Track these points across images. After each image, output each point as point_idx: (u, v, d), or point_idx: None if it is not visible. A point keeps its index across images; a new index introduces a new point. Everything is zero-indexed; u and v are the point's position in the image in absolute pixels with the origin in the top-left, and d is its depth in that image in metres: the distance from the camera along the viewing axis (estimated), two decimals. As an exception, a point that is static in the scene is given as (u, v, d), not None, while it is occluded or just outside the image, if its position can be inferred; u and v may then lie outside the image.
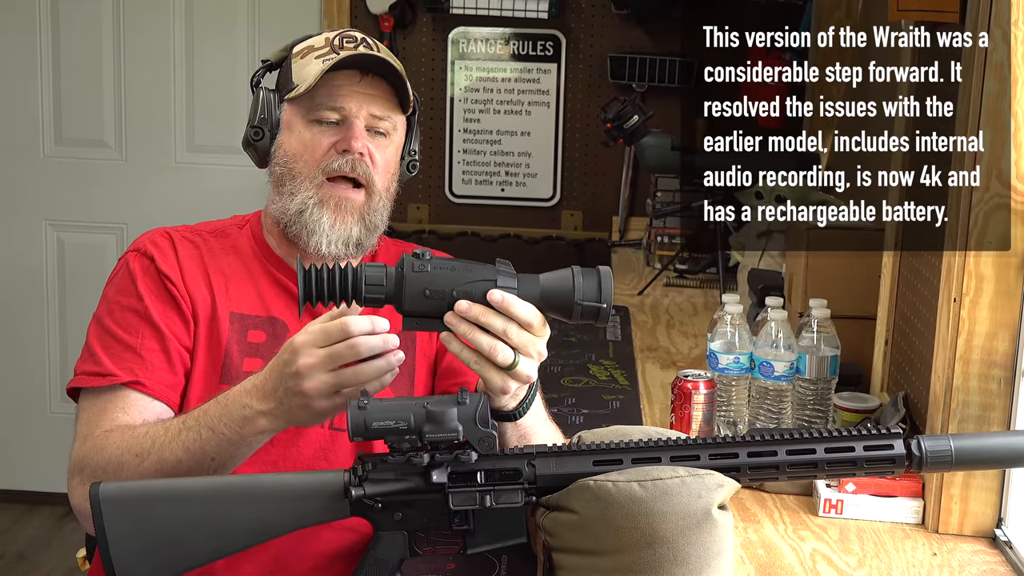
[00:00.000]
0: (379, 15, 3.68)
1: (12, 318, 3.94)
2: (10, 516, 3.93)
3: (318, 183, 1.68)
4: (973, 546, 1.71)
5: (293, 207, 1.68)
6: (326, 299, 1.35)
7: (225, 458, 1.49)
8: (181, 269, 1.69)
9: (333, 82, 1.68)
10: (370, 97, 1.69)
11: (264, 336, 1.70)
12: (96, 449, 1.55)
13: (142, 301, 1.66)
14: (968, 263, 1.68)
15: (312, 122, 1.69)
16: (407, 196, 3.79)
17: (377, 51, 1.70)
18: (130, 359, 1.62)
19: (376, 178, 1.69)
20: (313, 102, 1.68)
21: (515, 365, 1.38)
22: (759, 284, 2.48)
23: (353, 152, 1.67)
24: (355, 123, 1.68)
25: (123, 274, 1.70)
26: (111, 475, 1.51)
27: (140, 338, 1.64)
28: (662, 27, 3.69)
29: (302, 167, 1.69)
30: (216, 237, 1.76)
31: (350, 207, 1.68)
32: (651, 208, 3.48)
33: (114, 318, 1.66)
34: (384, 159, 1.71)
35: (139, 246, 1.72)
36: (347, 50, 1.68)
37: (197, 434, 1.49)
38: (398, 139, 1.74)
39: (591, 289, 1.36)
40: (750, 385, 2.02)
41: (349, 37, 1.70)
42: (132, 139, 3.85)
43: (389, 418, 1.31)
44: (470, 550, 1.36)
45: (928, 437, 1.33)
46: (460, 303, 1.35)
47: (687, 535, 1.28)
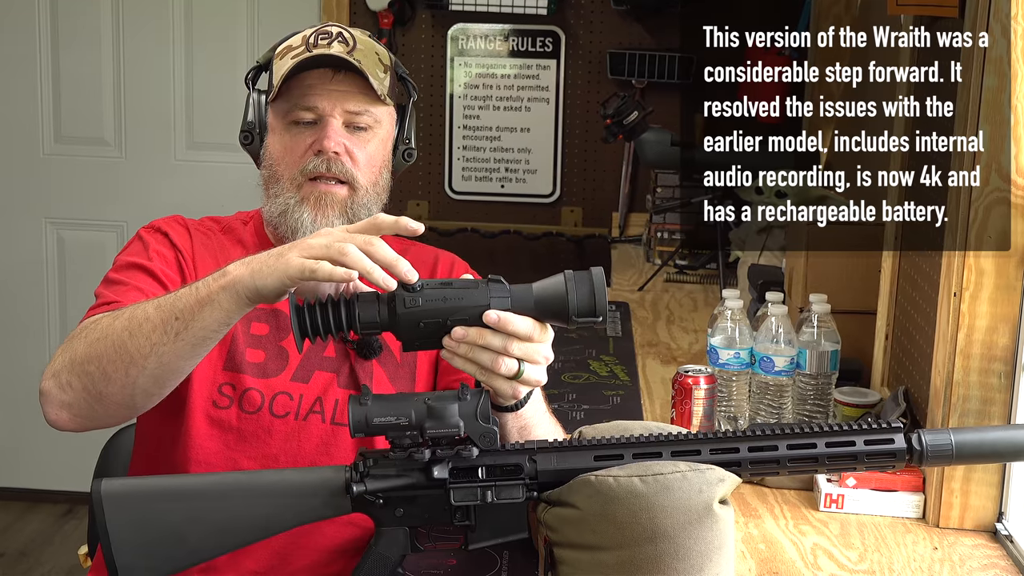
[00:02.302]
0: (378, 11, 3.68)
1: (12, 316, 3.94)
2: (11, 514, 3.94)
3: (298, 184, 1.69)
4: (974, 540, 1.71)
5: (277, 209, 1.70)
6: (323, 334, 1.34)
7: (190, 320, 1.41)
8: (193, 252, 1.71)
9: (305, 82, 1.68)
10: (344, 93, 1.68)
11: (267, 329, 1.70)
12: (82, 326, 1.52)
13: (151, 261, 1.67)
14: (968, 257, 1.68)
15: (290, 124, 1.70)
16: (407, 193, 3.79)
17: (352, 45, 1.68)
18: (134, 296, 1.60)
19: (357, 174, 1.69)
20: (289, 103, 1.69)
21: (521, 373, 1.37)
22: (759, 279, 2.48)
23: (327, 152, 1.67)
24: (330, 122, 1.68)
25: (136, 242, 1.72)
26: (81, 340, 1.47)
27: (139, 282, 1.64)
28: (661, 23, 3.69)
29: (283, 170, 1.70)
30: (223, 231, 1.78)
31: (330, 200, 1.68)
32: (651, 204, 3.48)
33: (118, 270, 1.67)
34: (367, 154, 1.70)
35: (155, 224, 1.74)
36: (320, 47, 1.67)
37: (175, 293, 1.45)
38: (384, 131, 1.73)
39: (585, 301, 1.34)
40: (751, 380, 2.02)
41: (324, 33, 1.70)
42: (132, 137, 3.85)
43: (390, 414, 1.31)
44: (471, 546, 1.36)
45: (929, 431, 1.33)
46: (456, 330, 1.33)
47: (688, 530, 1.28)
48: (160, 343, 1.42)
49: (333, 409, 1.69)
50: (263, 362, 1.68)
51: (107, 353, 1.44)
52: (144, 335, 1.42)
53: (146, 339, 1.42)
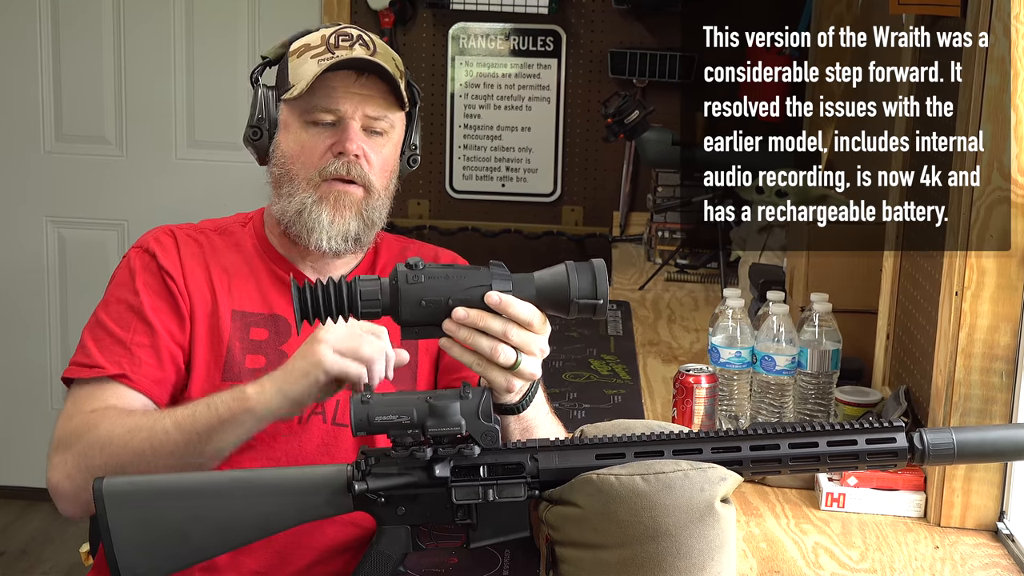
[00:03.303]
0: (379, 11, 3.68)
1: (13, 314, 3.94)
2: (12, 512, 3.94)
3: (315, 184, 1.68)
4: (975, 539, 1.71)
5: (292, 208, 1.69)
6: (323, 316, 1.35)
7: (212, 435, 1.50)
8: (183, 267, 1.70)
9: (329, 83, 1.67)
10: (365, 98, 1.69)
11: (266, 333, 1.70)
12: (87, 426, 1.57)
13: (138, 296, 1.68)
14: (969, 257, 1.68)
15: (308, 123, 1.69)
16: (408, 192, 3.79)
17: (373, 49, 1.69)
18: (119, 353, 1.64)
19: (373, 178, 1.69)
20: (309, 103, 1.68)
21: (518, 364, 1.38)
22: (760, 278, 2.48)
23: (348, 155, 1.67)
24: (350, 124, 1.68)
25: (124, 270, 1.72)
26: (97, 451, 1.54)
27: (131, 333, 1.66)
28: (662, 22, 3.69)
29: (299, 169, 1.69)
30: (219, 235, 1.77)
31: (348, 201, 1.68)
32: (652, 203, 3.48)
33: (108, 312, 1.68)
34: (381, 158, 1.71)
35: (143, 243, 1.73)
36: (343, 49, 1.67)
37: (192, 410, 1.52)
38: (396, 137, 1.74)
39: (586, 285, 1.35)
40: (752, 379, 2.02)
41: (345, 35, 1.70)
42: (133, 135, 3.85)
43: (392, 413, 1.32)
44: (473, 544, 1.36)
45: (930, 430, 1.33)
46: (458, 310, 1.34)
47: (690, 528, 1.28)
48: (185, 456, 1.52)
49: (334, 410, 1.69)
50: (264, 368, 1.68)
51: (129, 465, 1.52)
52: (167, 452, 1.51)
53: (169, 455, 1.52)
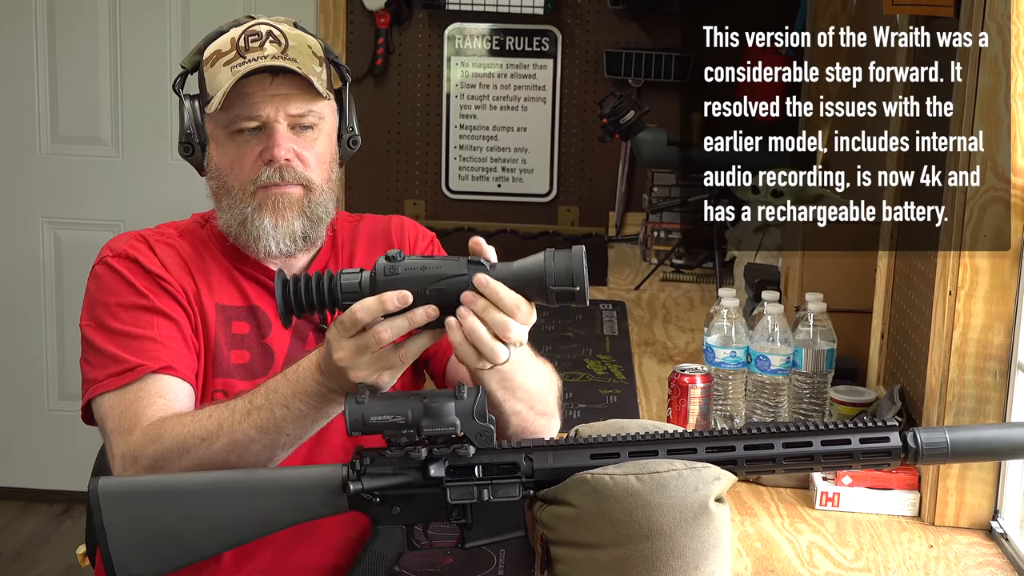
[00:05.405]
0: (375, 11, 3.68)
1: (9, 316, 3.94)
2: (8, 513, 3.93)
3: (251, 192, 1.65)
4: (969, 538, 1.72)
5: (235, 220, 1.67)
6: (306, 309, 1.35)
7: (300, 434, 1.47)
8: (166, 267, 1.67)
9: (244, 90, 1.63)
10: (285, 97, 1.64)
11: (248, 327, 1.69)
12: (151, 438, 1.50)
13: (145, 296, 1.64)
14: (964, 256, 1.68)
15: (234, 133, 1.65)
16: (404, 192, 3.78)
17: (285, 44, 1.65)
18: (153, 348, 1.60)
19: (310, 175, 1.66)
20: (231, 114, 1.64)
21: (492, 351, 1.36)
22: (755, 278, 2.48)
23: (278, 161, 1.64)
24: (276, 128, 1.64)
25: (111, 278, 1.66)
26: (174, 461, 1.47)
27: (155, 329, 1.62)
28: (658, 22, 3.69)
29: (233, 181, 1.67)
30: (184, 237, 1.74)
31: (287, 201, 1.66)
32: (648, 203, 3.48)
33: (120, 319, 1.63)
34: (315, 153, 1.67)
35: (119, 251, 1.68)
36: (253, 51, 1.64)
37: (271, 413, 1.45)
38: (328, 126, 1.70)
39: (562, 272, 1.35)
40: (746, 379, 2.02)
41: (254, 34, 1.66)
42: (128, 136, 3.85)
43: (387, 412, 1.32)
44: (468, 544, 1.36)
45: (924, 429, 1.33)
46: (466, 295, 1.34)
47: (684, 528, 1.29)
48: (275, 452, 1.48)
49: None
50: (248, 363, 1.67)
51: (213, 467, 1.48)
52: (254, 454, 1.47)
53: (256, 457, 1.48)
